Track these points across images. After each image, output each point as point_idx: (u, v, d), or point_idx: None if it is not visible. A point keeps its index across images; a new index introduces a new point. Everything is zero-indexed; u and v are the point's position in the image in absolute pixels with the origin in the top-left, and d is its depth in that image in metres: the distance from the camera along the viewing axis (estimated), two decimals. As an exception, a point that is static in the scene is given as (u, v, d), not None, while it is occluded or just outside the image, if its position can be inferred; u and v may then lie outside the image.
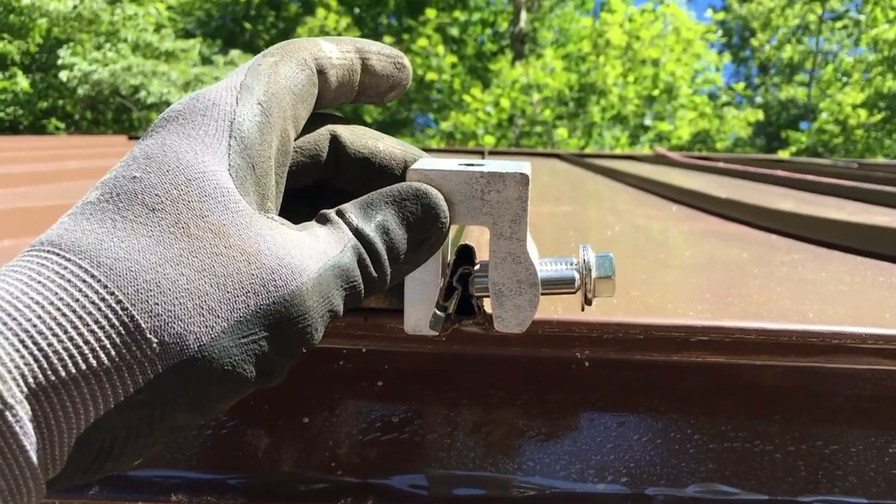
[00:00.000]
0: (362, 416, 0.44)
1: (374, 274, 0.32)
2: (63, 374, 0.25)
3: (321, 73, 0.35)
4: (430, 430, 0.43)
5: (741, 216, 1.09)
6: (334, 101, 0.37)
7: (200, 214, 0.28)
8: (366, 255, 0.32)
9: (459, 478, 0.42)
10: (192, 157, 0.29)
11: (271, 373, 0.29)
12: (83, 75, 9.69)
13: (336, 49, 0.36)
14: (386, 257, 0.33)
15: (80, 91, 9.90)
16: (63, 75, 9.73)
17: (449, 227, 0.36)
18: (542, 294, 0.38)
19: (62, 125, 10.77)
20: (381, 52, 0.38)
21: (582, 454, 0.43)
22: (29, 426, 0.24)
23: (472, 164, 0.37)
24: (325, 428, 0.43)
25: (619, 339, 0.43)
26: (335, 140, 0.38)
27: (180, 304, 0.27)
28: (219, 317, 0.27)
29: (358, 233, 0.32)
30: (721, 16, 15.56)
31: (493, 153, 2.98)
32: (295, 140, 0.35)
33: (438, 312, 0.39)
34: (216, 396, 0.28)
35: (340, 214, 0.33)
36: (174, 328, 0.26)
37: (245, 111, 0.31)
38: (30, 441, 0.24)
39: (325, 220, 0.32)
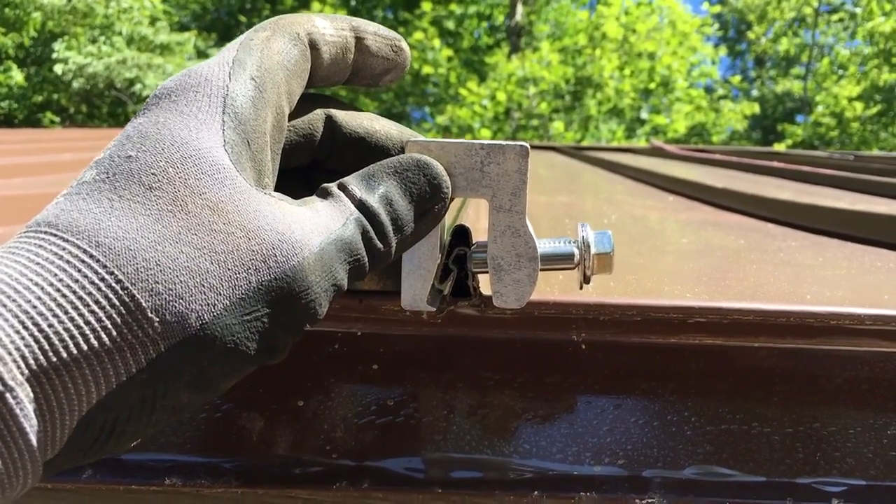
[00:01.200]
0: (357, 399, 0.43)
1: (380, 246, 0.32)
2: (64, 355, 0.24)
3: (314, 48, 0.34)
4: (426, 412, 0.43)
5: (738, 205, 1.09)
6: (327, 78, 0.36)
7: (198, 191, 0.28)
8: (370, 228, 0.31)
9: (455, 460, 0.42)
10: (186, 134, 0.29)
11: (275, 349, 0.29)
12: (78, 68, 9.67)
13: (330, 25, 0.35)
14: (391, 228, 0.32)
15: (76, 84, 9.88)
16: (58, 68, 9.70)
17: (451, 198, 0.35)
18: (541, 270, 0.38)
19: (57, 119, 10.73)
20: (378, 33, 0.37)
21: (578, 436, 0.43)
22: (29, 408, 0.24)
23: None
24: (320, 411, 0.43)
25: (615, 321, 0.43)
26: (330, 120, 0.38)
27: (181, 282, 0.26)
28: (220, 294, 0.27)
29: (361, 204, 0.32)
30: (717, 9, 15.57)
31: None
32: (289, 116, 0.35)
33: (436, 287, 0.38)
34: (219, 374, 0.28)
35: (342, 187, 0.32)
36: (176, 307, 0.26)
37: (238, 86, 0.30)
38: (30, 423, 0.24)
39: (326, 194, 0.32)
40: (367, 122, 0.38)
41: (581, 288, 0.40)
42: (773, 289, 0.48)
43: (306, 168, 0.39)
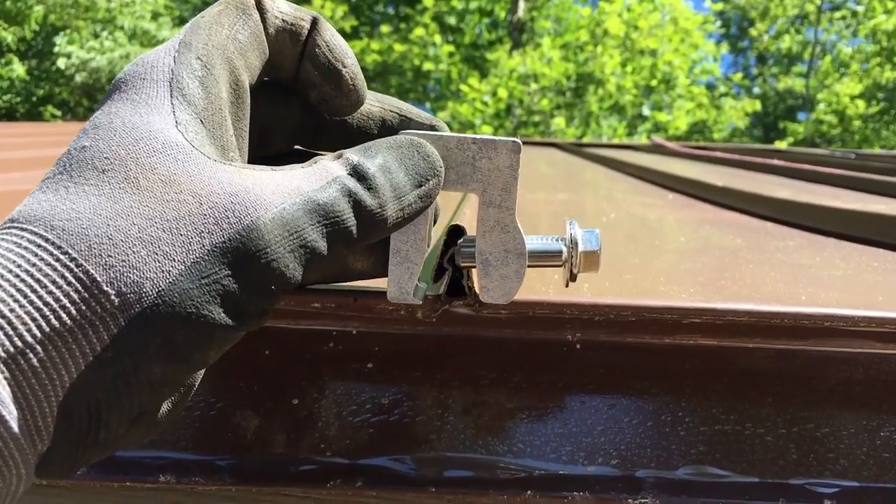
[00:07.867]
0: (352, 397, 0.44)
1: (373, 209, 0.31)
2: (28, 338, 0.24)
3: (262, 16, 0.34)
4: (421, 411, 0.43)
5: (737, 204, 1.09)
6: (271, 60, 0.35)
7: (149, 167, 0.28)
8: (360, 191, 0.31)
9: (449, 459, 0.42)
10: (138, 119, 0.29)
11: (245, 314, 0.29)
12: (81, 63, 9.67)
13: (287, 7, 0.35)
14: (389, 194, 0.32)
15: (78, 78, 9.88)
16: (61, 63, 9.70)
17: (442, 181, 0.35)
18: (529, 266, 0.38)
19: (58, 112, 10.73)
20: (332, 42, 0.35)
21: (572, 436, 0.43)
22: (4, 395, 0.24)
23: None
24: (314, 409, 0.43)
25: (610, 321, 0.43)
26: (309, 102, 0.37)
27: (134, 252, 0.26)
28: (174, 260, 0.27)
29: (357, 168, 0.32)
30: (720, 6, 15.53)
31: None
32: (253, 86, 0.35)
33: (420, 284, 0.38)
34: (186, 342, 0.27)
35: (339, 156, 0.32)
36: (130, 277, 0.26)
37: (183, 69, 0.31)
38: (7, 410, 0.24)
39: (310, 163, 0.32)
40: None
41: (567, 286, 0.40)
42: (769, 289, 0.48)
43: (294, 155, 0.39)
